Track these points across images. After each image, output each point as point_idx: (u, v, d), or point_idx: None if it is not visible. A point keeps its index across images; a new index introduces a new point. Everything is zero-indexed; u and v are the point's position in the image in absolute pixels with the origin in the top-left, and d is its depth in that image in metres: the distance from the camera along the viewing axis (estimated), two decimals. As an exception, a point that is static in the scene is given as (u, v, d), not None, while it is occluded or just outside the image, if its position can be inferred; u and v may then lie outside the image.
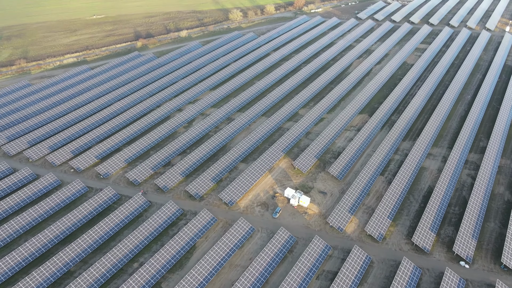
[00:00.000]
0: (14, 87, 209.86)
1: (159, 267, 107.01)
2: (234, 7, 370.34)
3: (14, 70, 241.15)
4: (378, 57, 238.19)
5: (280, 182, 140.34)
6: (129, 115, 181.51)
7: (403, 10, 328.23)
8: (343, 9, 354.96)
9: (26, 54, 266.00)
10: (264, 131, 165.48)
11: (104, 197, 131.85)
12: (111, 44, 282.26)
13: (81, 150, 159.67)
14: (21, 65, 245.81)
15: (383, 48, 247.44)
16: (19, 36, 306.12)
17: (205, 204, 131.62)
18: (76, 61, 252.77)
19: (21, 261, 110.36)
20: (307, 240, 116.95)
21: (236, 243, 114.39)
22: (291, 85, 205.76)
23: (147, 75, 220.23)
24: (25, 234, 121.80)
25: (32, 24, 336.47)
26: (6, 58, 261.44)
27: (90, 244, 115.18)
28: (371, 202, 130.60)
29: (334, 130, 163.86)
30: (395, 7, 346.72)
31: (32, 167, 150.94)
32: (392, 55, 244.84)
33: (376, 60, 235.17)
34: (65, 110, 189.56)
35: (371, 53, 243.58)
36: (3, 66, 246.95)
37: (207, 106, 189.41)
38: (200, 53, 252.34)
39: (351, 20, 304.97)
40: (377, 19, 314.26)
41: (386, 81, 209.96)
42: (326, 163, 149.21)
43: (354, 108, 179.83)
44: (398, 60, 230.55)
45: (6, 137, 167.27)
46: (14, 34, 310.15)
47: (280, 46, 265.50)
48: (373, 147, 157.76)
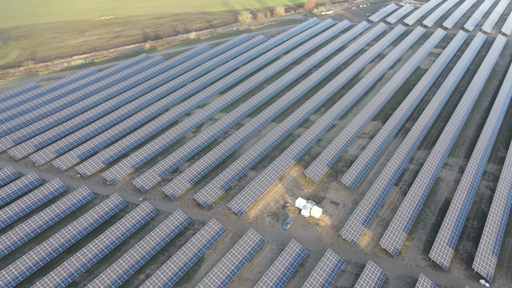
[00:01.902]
0: (21, 88, 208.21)
1: (166, 280, 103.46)
2: (244, 8, 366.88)
3: (22, 71, 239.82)
4: (390, 61, 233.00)
5: (291, 191, 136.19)
6: (136, 119, 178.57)
7: (416, 13, 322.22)
8: (354, 11, 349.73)
9: (34, 55, 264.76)
10: (274, 137, 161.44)
11: (110, 204, 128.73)
12: (119, 45, 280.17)
13: (88, 154, 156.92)
14: (29, 66, 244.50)
15: (395, 52, 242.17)
16: (27, 36, 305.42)
17: (213, 213, 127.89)
18: (84, 63, 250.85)
19: (25, 271, 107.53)
20: (319, 254, 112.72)
21: (246, 256, 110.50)
22: (302, 89, 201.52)
23: (155, 78, 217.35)
24: (29, 242, 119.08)
25: (41, 25, 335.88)
26: (14, 59, 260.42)
27: (96, 254, 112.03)
28: (386, 214, 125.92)
29: (346, 138, 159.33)
30: (407, 10, 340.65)
31: (38, 172, 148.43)
32: (405, 60, 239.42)
33: (389, 64, 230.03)
34: (72, 113, 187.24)
35: (384, 57, 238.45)
36: (11, 67, 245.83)
37: (216, 110, 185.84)
38: (209, 55, 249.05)
39: (363, 23, 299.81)
40: (389, 22, 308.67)
41: (399, 86, 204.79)
42: (338, 172, 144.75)
43: (367, 114, 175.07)
44: (412, 65, 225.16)
45: (12, 140, 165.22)
46: (22, 35, 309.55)
47: (290, 49, 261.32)
48: (387, 155, 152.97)
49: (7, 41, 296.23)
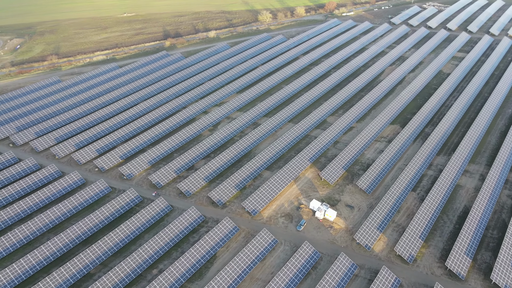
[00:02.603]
0: (45, 82, 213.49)
1: (179, 276, 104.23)
2: (264, 8, 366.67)
3: (46, 65, 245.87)
4: (412, 64, 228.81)
5: (306, 193, 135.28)
6: (154, 116, 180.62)
7: (440, 16, 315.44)
8: (376, 13, 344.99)
9: (58, 50, 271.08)
10: (290, 138, 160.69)
11: (126, 199, 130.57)
12: (140, 42, 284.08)
13: (106, 149, 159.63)
14: (53, 61, 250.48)
15: (417, 56, 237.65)
16: (52, 32, 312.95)
17: (227, 212, 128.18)
18: (105, 59, 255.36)
19: (43, 260, 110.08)
20: (332, 257, 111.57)
21: (258, 256, 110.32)
22: (320, 91, 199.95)
23: (174, 75, 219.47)
24: (48, 232, 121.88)
25: (65, 21, 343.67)
26: (38, 53, 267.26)
27: (111, 247, 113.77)
28: (402, 220, 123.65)
29: (363, 141, 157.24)
30: (431, 12, 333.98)
31: (58, 164, 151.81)
32: (427, 63, 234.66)
33: (410, 68, 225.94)
34: (92, 107, 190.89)
35: (405, 60, 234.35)
36: (35, 61, 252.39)
37: (233, 109, 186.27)
38: (228, 54, 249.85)
39: (384, 25, 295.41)
40: (412, 24, 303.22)
41: (420, 90, 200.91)
42: (355, 175, 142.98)
43: (386, 118, 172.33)
44: (434, 69, 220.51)
45: (34, 133, 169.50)
46: (47, 30, 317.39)
47: (310, 50, 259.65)
48: (405, 160, 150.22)
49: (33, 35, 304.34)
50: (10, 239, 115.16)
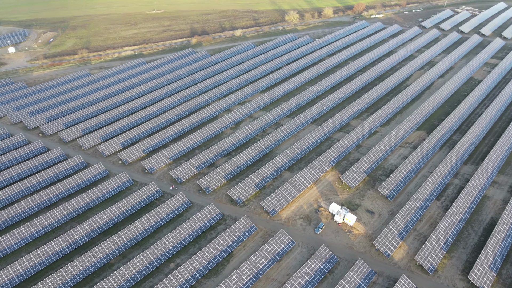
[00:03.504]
0: (75, 75, 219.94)
1: (195, 271, 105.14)
2: (291, 8, 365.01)
3: (76, 59, 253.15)
4: (441, 69, 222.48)
5: (326, 196, 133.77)
6: (178, 112, 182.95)
7: (473, 20, 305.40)
8: (406, 16, 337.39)
9: (89, 45, 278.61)
10: (312, 139, 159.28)
11: (147, 192, 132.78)
12: (167, 39, 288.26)
13: (130, 142, 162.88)
14: (83, 54, 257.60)
15: (448, 61, 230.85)
16: (83, 26, 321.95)
17: (245, 210, 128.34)
18: (133, 54, 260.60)
19: (65, 248, 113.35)
20: (349, 262, 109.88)
21: (275, 256, 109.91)
22: (345, 93, 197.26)
23: (199, 73, 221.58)
24: (71, 221, 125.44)
25: (97, 16, 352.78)
26: (70, 47, 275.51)
27: (130, 238, 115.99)
28: (424, 229, 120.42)
29: (387, 146, 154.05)
30: (464, 16, 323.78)
31: (84, 156, 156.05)
32: (457, 69, 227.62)
33: (439, 73, 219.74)
34: (118, 101, 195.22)
35: (434, 65, 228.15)
36: (67, 54, 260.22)
37: (256, 108, 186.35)
38: (253, 53, 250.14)
39: (414, 28, 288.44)
40: (443, 28, 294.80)
41: (449, 96, 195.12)
42: (376, 181, 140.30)
43: (411, 123, 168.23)
44: (464, 75, 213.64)
45: (63, 124, 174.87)
46: (79, 25, 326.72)
47: (336, 51, 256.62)
48: (430, 168, 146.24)
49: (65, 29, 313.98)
50: (35, 226, 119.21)
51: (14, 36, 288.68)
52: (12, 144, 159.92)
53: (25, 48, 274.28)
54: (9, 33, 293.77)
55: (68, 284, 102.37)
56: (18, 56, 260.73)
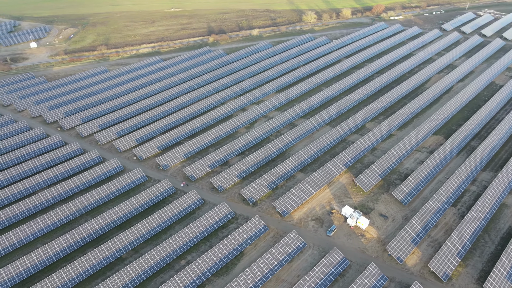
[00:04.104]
0: (93, 71, 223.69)
1: (206, 269, 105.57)
2: (309, 8, 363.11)
3: (95, 55, 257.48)
4: (461, 73, 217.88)
5: (339, 198, 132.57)
6: (193, 110, 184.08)
7: (496, 24, 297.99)
8: (426, 18, 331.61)
9: (108, 41, 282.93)
10: (327, 141, 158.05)
11: (161, 188, 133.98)
12: (185, 37, 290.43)
13: (145, 139, 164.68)
14: (102, 51, 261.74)
15: (468, 64, 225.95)
16: (103, 23, 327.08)
17: (257, 210, 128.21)
18: (150, 51, 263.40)
19: (80, 240, 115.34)
20: (361, 266, 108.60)
21: (285, 257, 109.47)
22: (361, 95, 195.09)
23: (215, 71, 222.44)
24: (86, 214, 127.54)
25: (116, 13, 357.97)
26: (89, 43, 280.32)
27: (143, 234, 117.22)
28: (438, 235, 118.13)
29: (403, 149, 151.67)
30: (486, 20, 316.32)
31: (100, 150, 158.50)
32: (478, 73, 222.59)
33: (459, 77, 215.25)
34: (135, 98, 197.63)
35: (454, 69, 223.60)
36: (86, 50, 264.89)
37: (270, 108, 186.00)
38: (270, 53, 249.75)
39: (434, 31, 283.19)
40: (464, 31, 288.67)
41: (468, 101, 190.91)
42: (391, 185, 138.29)
43: (429, 127, 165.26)
44: (485, 79, 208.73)
45: (80, 119, 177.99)
46: (99, 21, 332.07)
47: (353, 53, 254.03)
48: (446, 173, 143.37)
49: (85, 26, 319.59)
50: (51, 218, 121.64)
51: (36, 31, 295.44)
52: (32, 137, 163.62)
53: (46, 44, 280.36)
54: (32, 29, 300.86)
55: (81, 276, 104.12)
56: (40, 51, 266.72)
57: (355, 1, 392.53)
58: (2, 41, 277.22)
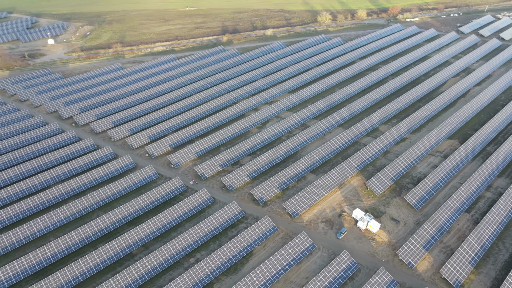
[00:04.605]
0: (108, 68, 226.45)
1: (214, 268, 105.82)
2: (324, 9, 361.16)
3: (110, 52, 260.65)
4: (478, 77, 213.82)
5: (349, 201, 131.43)
6: (205, 108, 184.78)
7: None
8: (443, 20, 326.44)
9: (123, 39, 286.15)
10: (339, 143, 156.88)
11: (172, 186, 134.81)
12: (199, 36, 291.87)
13: (158, 136, 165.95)
14: (117, 48, 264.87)
15: (486, 68, 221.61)
16: (119, 21, 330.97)
17: (267, 210, 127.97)
18: (165, 50, 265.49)
19: (91, 235, 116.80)
20: (371, 270, 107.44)
21: (294, 258, 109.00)
22: (375, 97, 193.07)
23: (228, 71, 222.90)
24: (97, 210, 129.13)
25: (132, 11, 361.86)
26: (105, 40, 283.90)
27: (153, 230, 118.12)
28: (451, 242, 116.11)
29: (416, 153, 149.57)
30: (505, 23, 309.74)
31: (113, 147, 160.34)
32: (496, 77, 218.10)
33: (476, 80, 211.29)
34: (149, 95, 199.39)
35: (471, 72, 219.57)
36: (102, 48, 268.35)
37: (283, 109, 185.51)
38: (283, 53, 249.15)
39: (452, 33, 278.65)
40: (483, 34, 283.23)
41: (485, 105, 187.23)
42: (403, 188, 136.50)
43: (443, 131, 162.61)
44: (503, 84, 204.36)
45: (95, 115, 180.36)
46: (115, 19, 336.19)
47: (368, 54, 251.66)
48: (461, 178, 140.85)
49: (102, 24, 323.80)
50: (64, 212, 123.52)
51: (54, 28, 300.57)
52: (47, 132, 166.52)
53: (64, 41, 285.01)
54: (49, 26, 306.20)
55: (92, 270, 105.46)
56: (57, 47, 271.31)
57: (371, 2, 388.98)
58: (20, 37, 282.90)
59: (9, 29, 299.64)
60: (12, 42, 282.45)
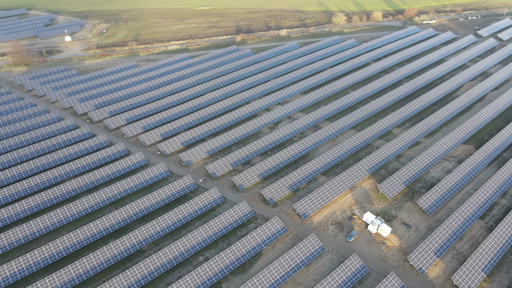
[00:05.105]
0: (123, 66, 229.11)
1: (223, 267, 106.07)
2: (339, 10, 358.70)
3: (126, 50, 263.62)
4: (496, 82, 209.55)
5: (360, 204, 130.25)
6: (218, 108, 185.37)
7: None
8: (461, 23, 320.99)
9: (138, 37, 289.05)
10: (351, 145, 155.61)
11: (182, 184, 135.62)
12: (213, 35, 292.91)
13: (170, 134, 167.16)
14: (132, 46, 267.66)
15: (504, 73, 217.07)
16: (135, 19, 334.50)
17: (277, 211, 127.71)
18: (179, 48, 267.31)
19: (103, 230, 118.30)
20: (380, 274, 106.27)
21: (303, 260, 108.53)
22: (388, 100, 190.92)
23: (241, 70, 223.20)
24: (109, 205, 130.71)
25: (147, 10, 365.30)
26: (121, 38, 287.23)
27: (163, 228, 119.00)
28: (464, 248, 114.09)
29: (430, 157, 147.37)
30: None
31: (126, 144, 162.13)
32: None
33: (494, 85, 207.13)
34: (162, 93, 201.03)
35: (488, 77, 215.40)
36: (117, 45, 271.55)
37: (295, 109, 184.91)
38: (297, 54, 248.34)
39: (469, 36, 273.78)
40: (501, 38, 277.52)
41: (502, 110, 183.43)
42: (415, 193, 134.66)
43: (458, 136, 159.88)
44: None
45: (109, 112, 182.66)
46: (131, 17, 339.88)
47: (382, 56, 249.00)
48: (475, 184, 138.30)
49: (118, 22, 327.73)
50: (77, 207, 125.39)
51: (71, 25, 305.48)
52: (62, 127, 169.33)
53: (80, 38, 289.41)
54: (67, 23, 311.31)
55: (102, 265, 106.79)
56: (73, 44, 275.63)
57: (387, 3, 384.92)
58: (38, 34, 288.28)
59: (28, 26, 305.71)
60: (31, 38, 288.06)
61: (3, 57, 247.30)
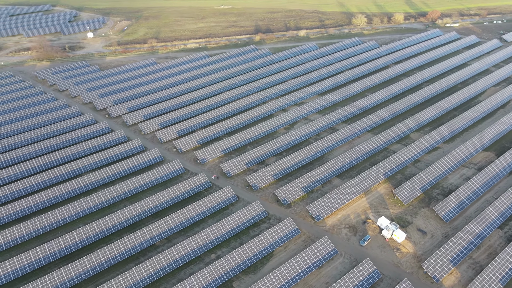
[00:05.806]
0: (142, 63, 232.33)
1: (235, 265, 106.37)
2: (359, 11, 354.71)
3: (145, 47, 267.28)
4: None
5: (375, 208, 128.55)
6: (234, 107, 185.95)
7: None
8: (485, 27, 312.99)
9: (158, 35, 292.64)
10: (367, 148, 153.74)
11: (197, 182, 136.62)
12: (232, 34, 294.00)
13: (186, 132, 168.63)
14: (152, 44, 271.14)
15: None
16: (155, 17, 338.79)
17: (290, 212, 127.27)
18: (198, 47, 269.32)
19: (118, 224, 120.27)
20: (393, 281, 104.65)
21: (315, 262, 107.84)
22: (407, 104, 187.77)
23: (259, 70, 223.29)
24: (125, 200, 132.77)
25: (168, 8, 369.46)
26: (141, 36, 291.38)
27: (177, 224, 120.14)
28: (481, 258, 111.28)
29: (448, 164, 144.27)
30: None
31: (143, 140, 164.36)
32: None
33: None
34: (179, 91, 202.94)
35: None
36: (137, 43, 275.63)
37: (312, 111, 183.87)
38: (315, 55, 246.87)
39: (494, 41, 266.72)
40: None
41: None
42: (432, 199, 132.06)
43: (479, 143, 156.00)
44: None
45: (127, 108, 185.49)
46: (152, 15, 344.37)
47: (403, 59, 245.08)
48: (495, 193, 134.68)
49: (139, 19, 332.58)
50: (94, 200, 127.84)
51: (93, 22, 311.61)
52: (81, 122, 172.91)
53: (102, 34, 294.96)
54: (90, 20, 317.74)
55: (116, 259, 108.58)
56: (95, 41, 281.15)
57: (409, 6, 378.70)
58: (62, 30, 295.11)
59: (52, 22, 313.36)
60: (54, 34, 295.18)
61: (28, 51, 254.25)
